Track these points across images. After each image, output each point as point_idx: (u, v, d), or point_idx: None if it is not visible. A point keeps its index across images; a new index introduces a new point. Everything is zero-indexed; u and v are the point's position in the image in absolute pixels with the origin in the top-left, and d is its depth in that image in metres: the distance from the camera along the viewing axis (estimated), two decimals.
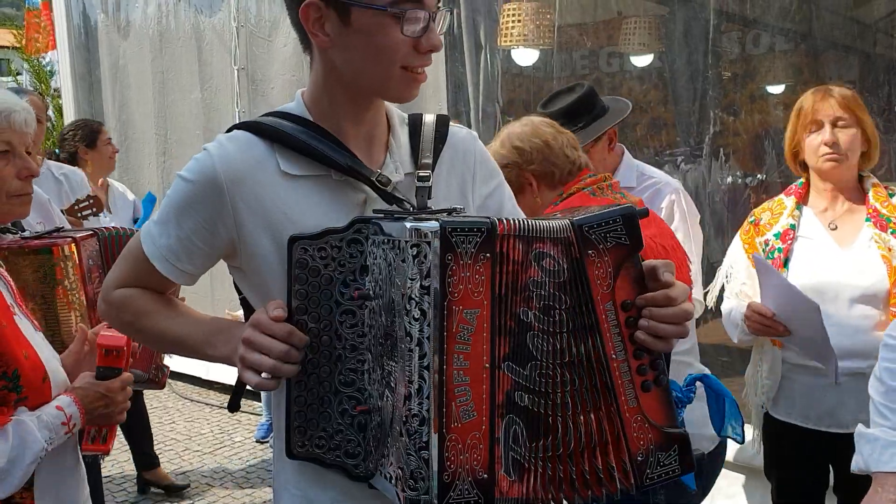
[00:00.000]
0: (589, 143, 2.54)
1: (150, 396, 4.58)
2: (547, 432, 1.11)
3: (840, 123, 2.17)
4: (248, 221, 1.21)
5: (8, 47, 11.87)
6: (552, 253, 1.12)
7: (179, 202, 1.23)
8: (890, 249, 2.11)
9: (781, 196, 2.35)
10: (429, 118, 1.36)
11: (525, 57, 4.64)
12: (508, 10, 4.50)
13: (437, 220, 1.06)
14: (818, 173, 2.25)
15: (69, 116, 5.89)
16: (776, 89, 6.56)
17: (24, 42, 8.37)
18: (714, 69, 6.01)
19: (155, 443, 4.12)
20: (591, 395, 1.13)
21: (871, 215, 2.18)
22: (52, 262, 2.18)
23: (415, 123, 1.35)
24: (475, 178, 1.37)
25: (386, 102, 1.32)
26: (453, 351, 1.05)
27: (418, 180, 1.26)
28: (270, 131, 1.23)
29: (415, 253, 1.04)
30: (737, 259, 2.37)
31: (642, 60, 5.63)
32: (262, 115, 1.29)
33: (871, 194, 2.21)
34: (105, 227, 2.40)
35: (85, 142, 3.77)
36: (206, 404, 5.30)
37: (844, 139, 2.17)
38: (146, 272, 1.27)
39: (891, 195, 2.22)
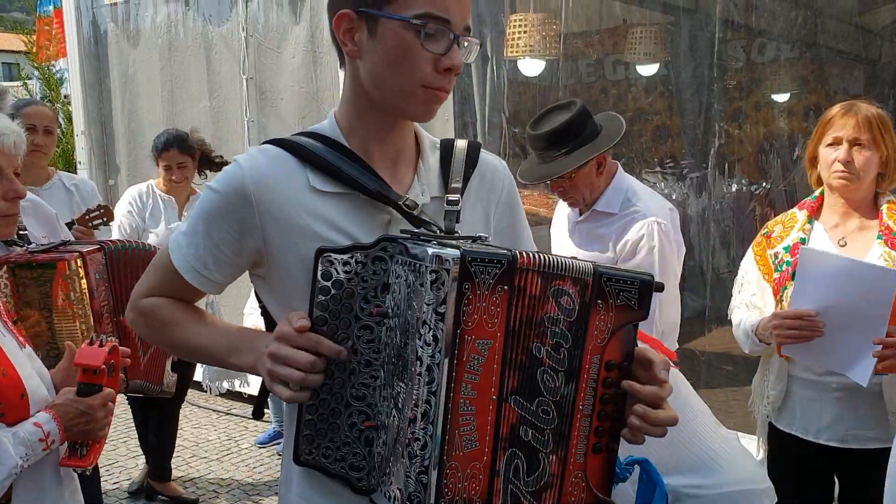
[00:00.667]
0: (573, 169, 2.49)
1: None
2: (536, 468, 1.14)
3: (858, 143, 2.16)
4: (274, 232, 1.25)
5: (18, 52, 11.96)
6: (570, 291, 1.14)
7: (208, 212, 1.27)
8: None
9: (794, 210, 2.36)
10: (460, 143, 1.40)
11: (531, 67, 4.68)
12: (515, 21, 4.54)
13: (458, 247, 1.07)
14: (829, 188, 2.26)
15: (78, 124, 5.94)
16: (781, 98, 6.58)
17: (34, 49, 8.43)
18: (719, 79, 6.03)
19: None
20: (553, 436, 1.15)
21: (882, 233, 2.17)
22: (59, 276, 2.21)
23: (447, 148, 1.38)
24: (499, 206, 1.41)
25: (416, 125, 1.36)
26: (461, 380, 1.07)
27: (447, 204, 1.30)
28: (302, 151, 1.26)
29: (433, 279, 1.06)
30: (749, 270, 2.37)
31: (648, 70, 5.66)
32: (294, 135, 1.33)
33: (884, 211, 2.20)
34: (111, 241, 2.43)
35: None
36: (213, 410, 5.33)
37: (860, 160, 2.16)
38: (174, 282, 1.31)
39: None
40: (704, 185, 5.86)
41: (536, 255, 1.12)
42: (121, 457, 4.54)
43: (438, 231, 1.25)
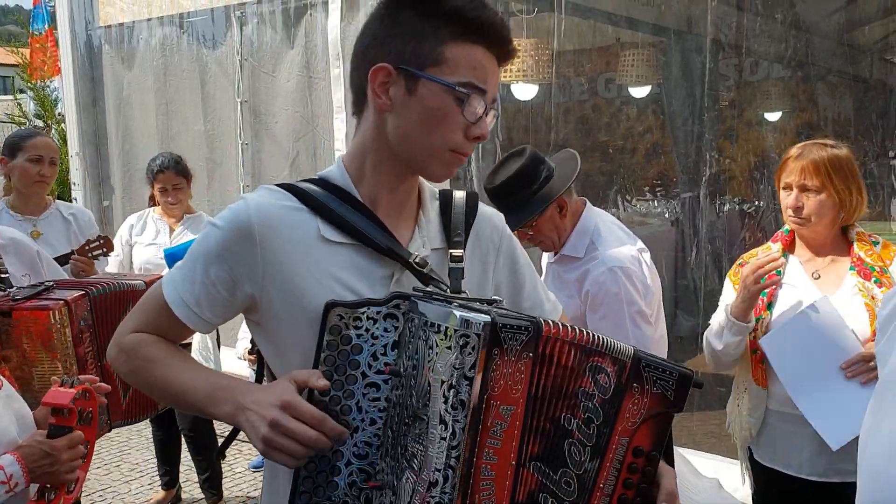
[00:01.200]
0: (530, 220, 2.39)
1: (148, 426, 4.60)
2: None
3: (806, 189, 2.20)
4: (276, 276, 1.23)
5: (12, 66, 11.94)
6: (609, 370, 1.15)
7: (209, 249, 1.25)
8: (873, 298, 2.15)
9: (769, 242, 2.39)
10: (459, 194, 1.41)
11: (525, 92, 4.71)
12: None
13: (487, 312, 1.08)
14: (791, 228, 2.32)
15: (73, 146, 5.95)
16: (773, 117, 6.64)
17: (28, 70, 8.43)
18: (711, 98, 6.08)
19: (157, 473, 4.15)
20: None
21: (854, 264, 2.22)
22: (43, 324, 2.15)
23: (446, 199, 1.39)
24: (499, 259, 1.42)
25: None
26: (485, 445, 1.07)
27: (451, 261, 1.31)
28: (312, 200, 1.26)
29: (462, 343, 1.05)
30: (728, 297, 2.39)
31: (640, 92, 5.70)
32: (303, 181, 1.32)
33: (855, 244, 2.25)
34: (95, 283, 2.37)
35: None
36: None
37: (809, 205, 2.20)
38: (164, 318, 1.28)
39: (874, 243, 2.26)
40: (697, 205, 5.89)
41: (564, 326, 1.13)
42: (114, 481, 4.53)
43: (446, 289, 1.26)
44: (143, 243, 3.91)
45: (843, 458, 2.16)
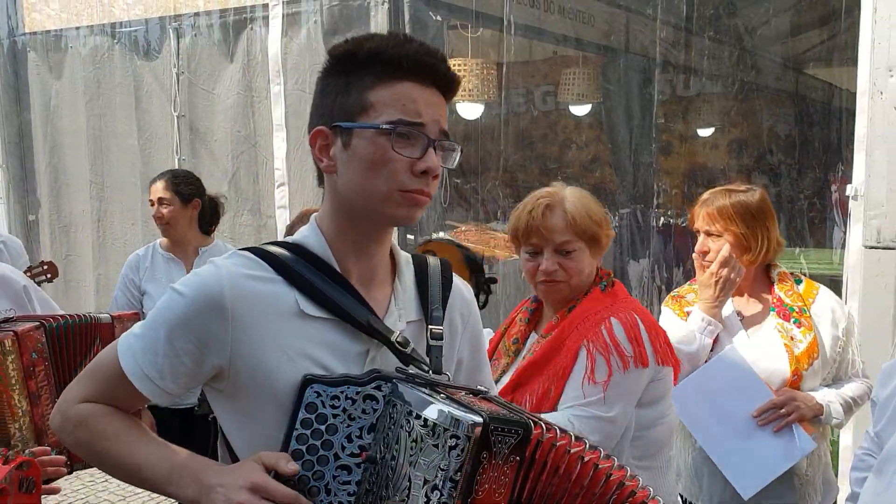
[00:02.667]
0: None
1: None
2: None
3: (711, 233, 2.28)
4: (246, 351, 1.17)
5: None
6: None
7: (174, 318, 1.18)
8: (792, 338, 2.22)
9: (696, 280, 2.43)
10: (433, 263, 1.37)
11: (470, 111, 4.70)
12: (454, 65, 4.55)
13: (479, 412, 1.03)
14: None
15: None
16: (707, 132, 6.80)
17: None
18: (649, 114, 6.19)
19: None
20: None
21: (775, 305, 2.29)
22: None
23: (421, 267, 1.35)
24: (465, 335, 1.39)
25: (393, 243, 1.33)
26: None
27: (432, 338, 1.27)
28: (292, 274, 1.21)
29: (452, 444, 1.01)
30: (668, 317, 2.41)
31: (581, 110, 5.77)
32: (277, 245, 1.27)
33: (776, 285, 2.32)
34: (53, 317, 2.30)
35: None
36: None
37: (714, 248, 2.26)
38: (119, 389, 1.21)
39: (798, 282, 2.33)
40: (634, 218, 5.97)
41: (551, 427, 1.09)
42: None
43: (427, 370, 1.21)
44: (156, 293, 3.36)
45: (769, 492, 2.20)
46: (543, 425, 1.08)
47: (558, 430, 1.10)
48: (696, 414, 2.20)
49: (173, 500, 1.31)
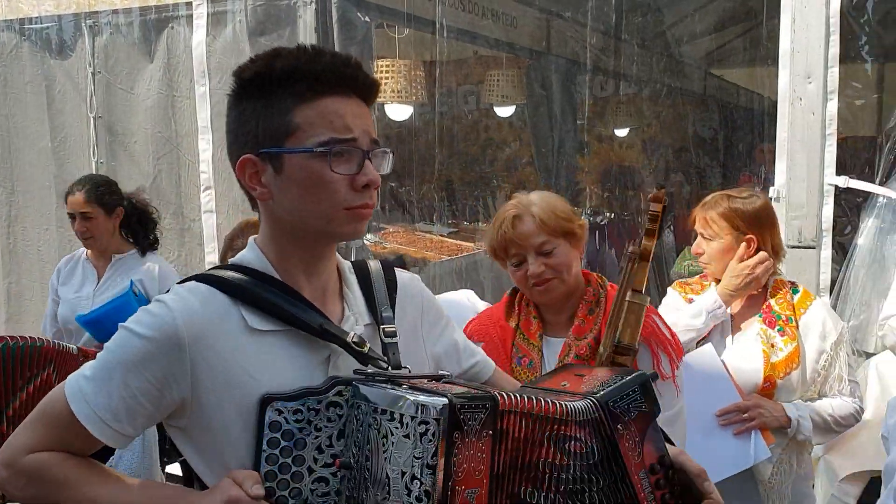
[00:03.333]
0: None
1: None
2: None
3: (706, 235, 2.35)
4: (206, 380, 1.15)
5: None
6: (579, 435, 1.11)
7: (128, 360, 1.14)
8: (772, 346, 2.26)
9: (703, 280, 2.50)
10: (373, 265, 1.36)
11: (398, 112, 4.68)
12: (382, 66, 4.53)
13: (443, 393, 1.03)
14: None
15: None
16: (629, 133, 6.98)
17: None
18: (569, 115, 6.32)
19: None
20: None
21: (763, 311, 2.33)
22: None
23: (362, 271, 1.34)
24: (423, 322, 1.38)
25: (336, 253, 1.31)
26: None
27: (385, 336, 1.26)
28: (236, 289, 1.18)
29: (422, 431, 1.01)
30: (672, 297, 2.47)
31: (505, 111, 5.83)
32: (217, 269, 1.25)
33: (769, 291, 2.36)
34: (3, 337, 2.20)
35: None
36: None
37: (708, 251, 2.35)
38: (72, 435, 1.16)
39: (794, 291, 2.36)
40: None
41: (519, 397, 1.09)
42: None
43: (386, 366, 1.21)
44: (64, 296, 3.33)
45: (731, 495, 2.25)
46: (508, 395, 1.09)
47: (523, 397, 1.10)
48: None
49: None
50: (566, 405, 1.12)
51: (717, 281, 2.39)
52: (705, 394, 2.21)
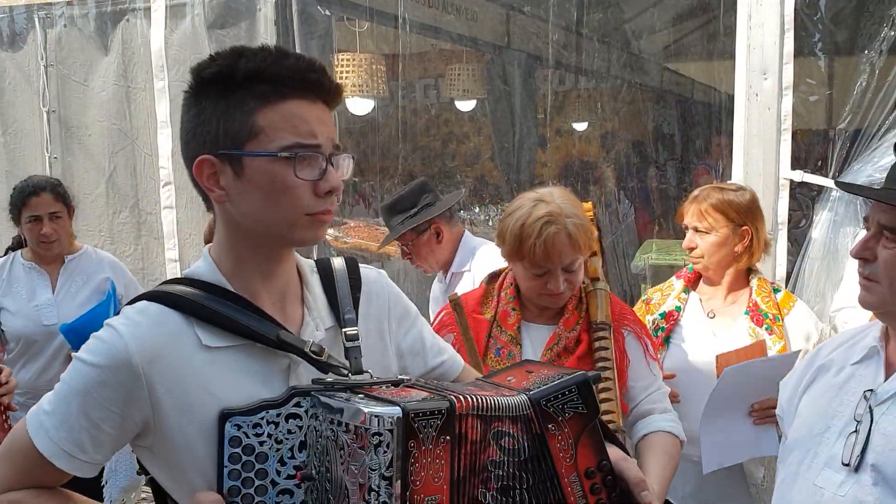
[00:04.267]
0: (411, 235, 2.86)
1: None
2: None
3: (698, 230, 2.32)
4: (165, 401, 1.13)
5: None
6: (511, 431, 1.11)
7: (84, 388, 1.12)
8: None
9: (672, 279, 2.50)
10: (337, 263, 1.34)
11: (360, 106, 4.66)
12: (343, 60, 4.50)
13: (398, 403, 1.03)
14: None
15: None
16: (588, 128, 7.04)
17: None
18: (529, 109, 6.35)
19: None
20: None
21: (750, 309, 2.33)
22: None
23: (325, 270, 1.32)
24: (390, 319, 1.36)
25: (295, 253, 1.29)
26: None
27: (347, 340, 1.24)
28: (186, 304, 1.16)
29: (376, 442, 1.01)
30: None
31: (466, 105, 5.84)
32: (169, 283, 1.22)
33: (754, 289, 2.36)
34: None
35: None
36: None
37: (702, 245, 2.32)
38: (38, 470, 1.15)
39: (776, 290, 2.38)
40: None
41: (474, 399, 1.09)
42: None
43: (348, 373, 1.20)
44: (14, 308, 3.10)
45: (723, 496, 2.28)
46: (465, 398, 1.08)
47: (476, 398, 1.10)
48: (724, 390, 2.14)
49: None
50: (499, 400, 1.12)
51: (703, 277, 2.39)
52: (755, 390, 2.17)
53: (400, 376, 1.21)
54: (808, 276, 3.08)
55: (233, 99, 1.14)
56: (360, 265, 1.37)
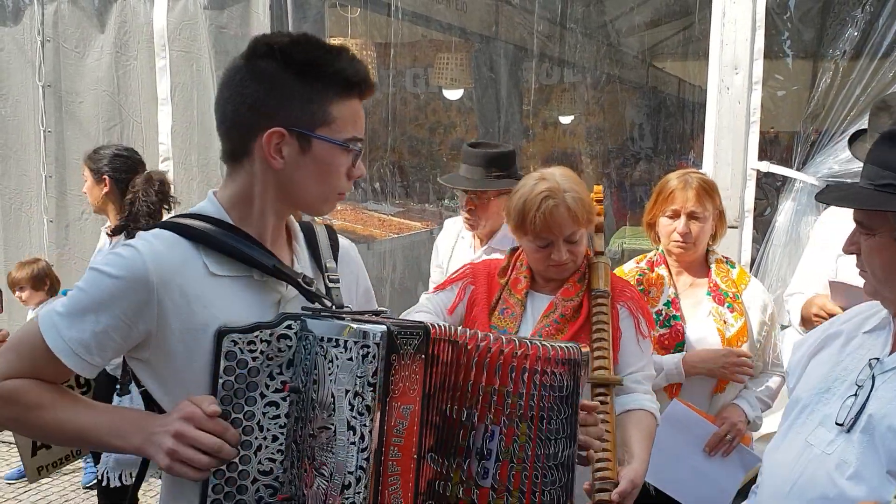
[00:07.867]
0: (495, 192, 2.82)
1: None
2: None
3: (695, 217, 2.35)
4: (171, 317, 1.28)
5: None
6: (555, 371, 1.35)
7: (101, 297, 1.26)
8: (724, 322, 2.35)
9: (656, 270, 2.48)
10: (319, 229, 1.53)
11: None
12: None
13: (382, 322, 1.19)
14: (667, 252, 2.47)
15: None
16: (570, 119, 7.17)
17: None
18: (515, 99, 6.47)
19: None
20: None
21: (711, 289, 2.40)
22: None
23: (308, 231, 1.51)
24: (358, 289, 1.58)
25: None
26: (390, 444, 1.19)
27: (330, 281, 1.43)
28: (199, 234, 1.32)
29: (364, 353, 1.16)
30: None
31: (454, 94, 5.96)
32: (179, 217, 1.37)
33: (713, 270, 2.43)
34: None
35: None
36: None
37: (696, 230, 2.36)
38: (44, 364, 1.28)
39: (731, 266, 2.45)
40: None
41: (448, 327, 1.27)
42: None
43: (331, 305, 1.37)
44: None
45: None
46: (438, 326, 1.26)
47: (455, 328, 1.28)
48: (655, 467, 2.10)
49: None
50: (544, 344, 1.35)
51: (678, 269, 2.44)
52: (690, 442, 2.31)
53: (379, 308, 1.40)
54: (772, 261, 3.25)
55: (316, 86, 1.30)
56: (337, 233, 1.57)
